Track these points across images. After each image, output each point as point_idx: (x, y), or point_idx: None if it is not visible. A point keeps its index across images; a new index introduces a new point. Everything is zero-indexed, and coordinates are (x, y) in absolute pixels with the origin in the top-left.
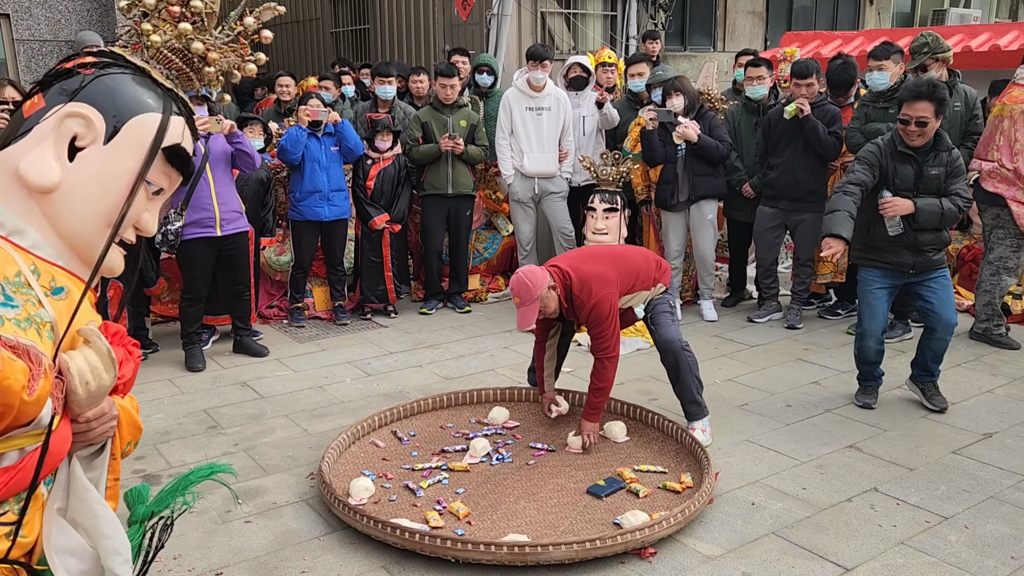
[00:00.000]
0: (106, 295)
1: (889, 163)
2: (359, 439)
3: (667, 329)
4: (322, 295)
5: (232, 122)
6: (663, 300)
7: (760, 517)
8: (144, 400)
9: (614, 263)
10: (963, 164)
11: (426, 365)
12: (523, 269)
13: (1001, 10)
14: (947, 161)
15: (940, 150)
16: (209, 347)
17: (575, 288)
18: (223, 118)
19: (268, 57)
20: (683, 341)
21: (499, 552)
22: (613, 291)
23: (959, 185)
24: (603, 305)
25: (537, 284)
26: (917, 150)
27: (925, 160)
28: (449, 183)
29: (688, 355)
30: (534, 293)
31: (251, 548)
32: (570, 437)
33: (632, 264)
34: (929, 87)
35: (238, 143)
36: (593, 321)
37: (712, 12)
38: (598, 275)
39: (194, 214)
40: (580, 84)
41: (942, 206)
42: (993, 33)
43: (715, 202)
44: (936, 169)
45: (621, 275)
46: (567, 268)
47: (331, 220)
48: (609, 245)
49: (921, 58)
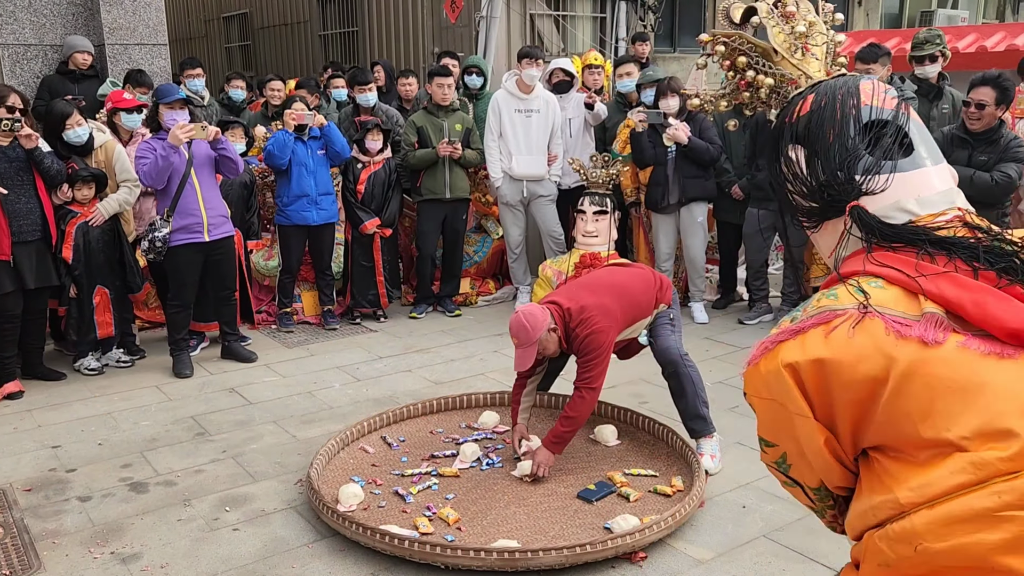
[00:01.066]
0: (91, 302)
1: (948, 148)
2: (348, 445)
3: (666, 339)
4: (311, 300)
5: (216, 128)
6: (664, 314)
7: (751, 520)
8: (131, 407)
9: (617, 295)
10: (1021, 151)
11: (416, 370)
12: (523, 309)
13: (988, 11)
14: (1002, 148)
15: (995, 139)
16: (197, 353)
17: (573, 323)
18: (207, 124)
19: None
20: (682, 351)
21: (489, 558)
22: (613, 325)
23: (1006, 166)
24: (599, 337)
25: (536, 327)
26: (975, 136)
27: (977, 146)
28: (447, 187)
29: (689, 367)
30: (532, 336)
31: (239, 556)
32: (521, 462)
33: (634, 295)
34: (995, 75)
35: (222, 149)
36: (584, 350)
37: (701, 14)
38: (599, 306)
39: (181, 220)
40: (564, 88)
41: (972, 176)
42: (980, 34)
43: (705, 204)
44: (986, 156)
45: (623, 308)
46: (567, 304)
47: (319, 224)
48: (610, 270)
49: (932, 48)
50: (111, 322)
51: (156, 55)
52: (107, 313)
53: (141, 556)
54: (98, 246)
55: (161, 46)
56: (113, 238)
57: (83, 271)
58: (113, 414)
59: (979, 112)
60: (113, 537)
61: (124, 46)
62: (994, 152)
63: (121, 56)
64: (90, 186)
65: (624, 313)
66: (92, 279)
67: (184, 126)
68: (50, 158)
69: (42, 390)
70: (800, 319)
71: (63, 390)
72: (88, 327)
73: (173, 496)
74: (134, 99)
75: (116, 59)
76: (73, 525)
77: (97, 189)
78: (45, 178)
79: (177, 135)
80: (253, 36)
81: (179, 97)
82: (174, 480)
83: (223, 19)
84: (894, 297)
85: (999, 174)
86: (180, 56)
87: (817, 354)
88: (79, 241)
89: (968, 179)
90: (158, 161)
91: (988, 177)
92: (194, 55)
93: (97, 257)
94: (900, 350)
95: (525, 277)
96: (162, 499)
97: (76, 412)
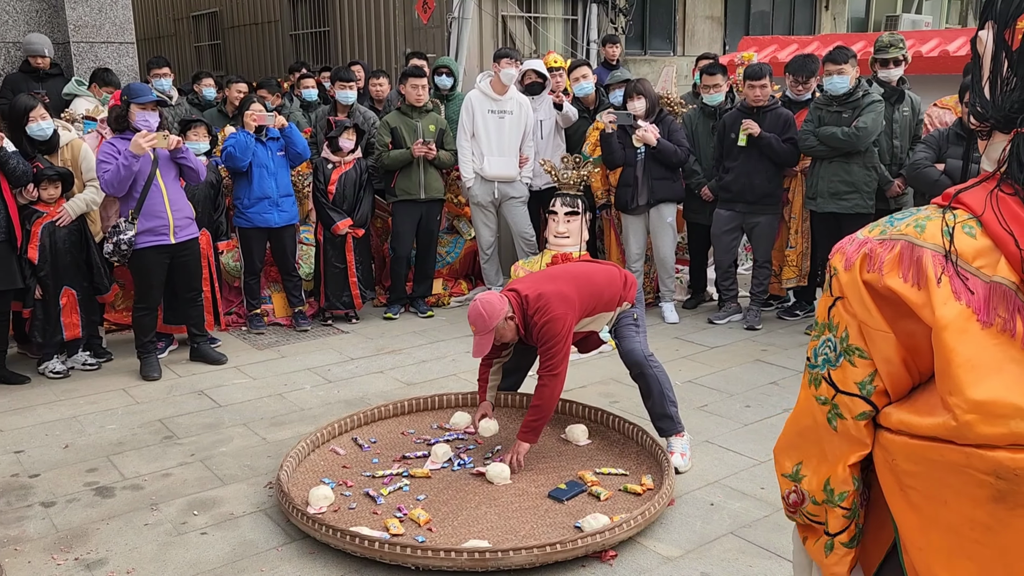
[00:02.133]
0: (58, 303)
1: (946, 145)
2: (319, 447)
3: (630, 340)
4: (281, 301)
5: (178, 138)
6: (628, 314)
7: (719, 517)
8: (97, 411)
9: (576, 282)
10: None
11: (388, 371)
12: (480, 298)
13: (951, 16)
14: None
15: None
16: (165, 355)
17: (530, 310)
18: (169, 133)
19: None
20: (647, 352)
21: (459, 558)
22: (570, 311)
23: None
24: (556, 324)
25: (493, 315)
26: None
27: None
28: (422, 188)
29: (655, 367)
30: (489, 324)
31: (207, 560)
32: (491, 466)
33: (595, 284)
34: None
35: (182, 158)
36: (544, 338)
37: (671, 17)
38: (556, 293)
39: (147, 222)
40: (536, 89)
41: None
42: (942, 39)
43: (674, 205)
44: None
45: (582, 296)
46: (525, 291)
47: (280, 226)
48: (574, 263)
49: (896, 52)
50: (78, 324)
51: (123, 54)
52: (74, 315)
53: (106, 562)
54: (64, 247)
55: (128, 44)
56: (80, 238)
57: (49, 272)
58: (79, 418)
59: None
60: (77, 543)
61: (90, 44)
62: None
63: (87, 54)
64: (56, 185)
65: (583, 301)
66: (58, 280)
67: (147, 135)
68: (15, 158)
69: (5, 394)
70: (888, 234)
71: (27, 394)
72: (54, 329)
73: (140, 500)
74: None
75: (82, 57)
76: (36, 531)
77: (63, 189)
78: (10, 178)
79: (140, 143)
80: (223, 35)
81: (153, 99)
82: (141, 484)
83: (192, 18)
84: (979, 250)
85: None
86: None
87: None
88: (45, 241)
89: (961, 171)
90: (120, 170)
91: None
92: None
93: (64, 258)
94: (949, 308)
95: (497, 278)
96: (128, 503)
97: (40, 416)
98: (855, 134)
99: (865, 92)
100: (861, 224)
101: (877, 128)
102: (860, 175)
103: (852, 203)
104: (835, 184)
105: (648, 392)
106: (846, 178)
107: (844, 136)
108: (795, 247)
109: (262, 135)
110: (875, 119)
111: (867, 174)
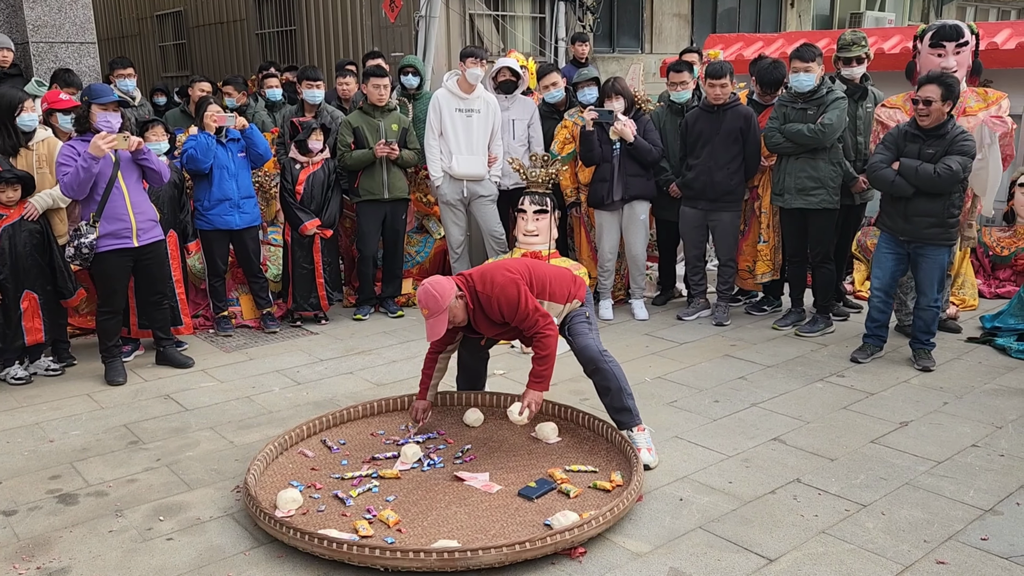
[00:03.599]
0: (19, 307)
1: (902, 143)
2: (287, 449)
3: (584, 337)
4: (249, 303)
5: (139, 139)
6: (579, 313)
7: (688, 512)
8: (60, 416)
9: (521, 263)
10: (968, 146)
11: (357, 372)
12: (428, 280)
13: (913, 14)
14: (948, 142)
15: (942, 134)
16: (131, 360)
17: (478, 285)
18: (130, 135)
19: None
20: (600, 348)
21: (428, 559)
22: (518, 278)
23: (950, 159)
24: (509, 288)
25: (444, 295)
26: (925, 132)
27: (928, 140)
28: (385, 188)
29: (609, 362)
30: (442, 304)
31: (173, 566)
32: (511, 409)
33: (542, 273)
34: (940, 74)
35: (144, 160)
36: (508, 310)
37: (639, 15)
38: (498, 267)
39: (109, 225)
40: (509, 88)
41: (917, 168)
42: (904, 36)
43: (647, 203)
44: (933, 149)
45: (526, 276)
46: (469, 273)
47: (242, 228)
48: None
49: (859, 50)
50: (40, 328)
51: (84, 54)
52: (36, 319)
53: (70, 570)
54: (26, 250)
55: (89, 44)
56: (43, 241)
57: (9, 275)
58: (41, 424)
59: (927, 108)
60: (40, 551)
61: (50, 44)
62: (941, 146)
63: (47, 54)
64: (15, 188)
65: (528, 279)
66: (19, 284)
67: (106, 136)
68: None
69: None
70: None
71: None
72: (15, 334)
73: (104, 507)
74: (71, 99)
75: (41, 57)
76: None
77: (24, 192)
78: None
79: (99, 145)
80: (188, 35)
81: (114, 99)
82: (105, 491)
83: (156, 17)
84: None
85: (941, 167)
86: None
87: None
88: (4, 244)
89: (913, 170)
90: (79, 172)
91: (931, 169)
92: (126, 54)
93: (24, 261)
94: None
95: None
96: (92, 510)
97: (1, 423)
98: (820, 131)
99: (829, 89)
100: (828, 220)
101: (842, 125)
102: (826, 171)
103: (819, 199)
104: (801, 180)
105: (606, 387)
106: (812, 174)
107: (810, 133)
108: (768, 241)
109: (222, 136)
110: (839, 116)
111: (833, 170)
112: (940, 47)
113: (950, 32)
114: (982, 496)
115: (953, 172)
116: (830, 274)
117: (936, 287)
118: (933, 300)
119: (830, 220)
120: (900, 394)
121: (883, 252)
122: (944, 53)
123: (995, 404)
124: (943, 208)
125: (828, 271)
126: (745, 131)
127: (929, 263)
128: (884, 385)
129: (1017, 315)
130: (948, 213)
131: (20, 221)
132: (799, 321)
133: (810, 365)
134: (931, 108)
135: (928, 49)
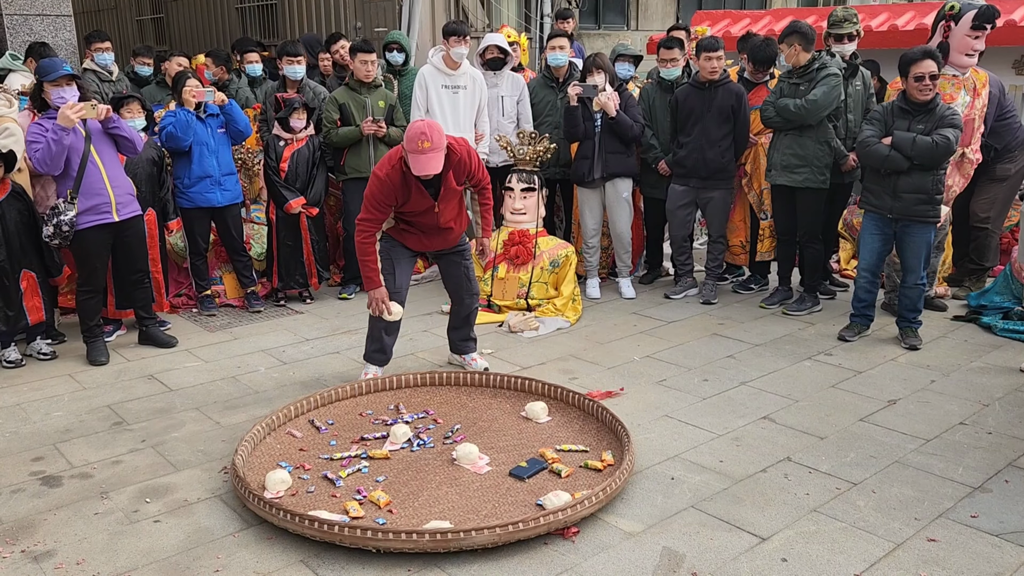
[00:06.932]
0: (19, 287)
1: (891, 119)
2: (275, 430)
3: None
4: (233, 282)
5: (108, 107)
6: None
7: (679, 491)
8: (42, 397)
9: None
10: (957, 119)
11: (344, 351)
12: (424, 120)
13: None
14: (938, 117)
15: (931, 108)
16: (113, 339)
17: (454, 144)
18: (98, 103)
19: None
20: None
21: (421, 540)
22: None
23: (944, 130)
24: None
25: (440, 130)
26: (916, 107)
27: (916, 116)
28: (372, 165)
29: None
30: (443, 140)
31: (161, 548)
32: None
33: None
34: (931, 49)
35: (114, 128)
36: (475, 165)
37: None
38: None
39: (88, 201)
40: (497, 64)
41: (915, 139)
42: (891, 13)
43: (630, 180)
44: (923, 124)
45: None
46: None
47: (223, 206)
48: None
49: (850, 27)
50: (40, 307)
51: (60, 27)
52: (35, 298)
53: (55, 553)
54: (16, 229)
55: (65, 17)
56: (30, 219)
57: (5, 255)
58: (23, 405)
59: (932, 83)
60: (24, 535)
61: (24, 16)
62: (931, 121)
63: (21, 27)
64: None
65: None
66: (15, 263)
67: (73, 105)
68: None
69: None
70: None
71: None
72: (19, 314)
73: (89, 489)
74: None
75: (16, 31)
76: None
77: (7, 169)
78: None
79: (68, 115)
80: (166, 8)
81: (63, 73)
82: (90, 472)
83: None
84: None
85: (939, 136)
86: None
87: None
88: None
89: (911, 141)
90: (51, 146)
91: (930, 139)
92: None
93: (15, 240)
94: None
95: None
96: (77, 492)
97: None
98: (805, 106)
99: (822, 65)
100: (814, 199)
101: (829, 101)
102: (812, 149)
103: (803, 177)
104: (787, 157)
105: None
106: (798, 151)
107: (795, 108)
108: (768, 218)
109: (201, 112)
110: (827, 92)
111: (820, 148)
112: (982, 28)
113: (992, 13)
114: (971, 474)
115: (949, 142)
116: (818, 253)
117: (922, 265)
118: (920, 278)
119: (817, 199)
120: (888, 372)
121: (869, 233)
122: (981, 35)
123: (982, 382)
124: (932, 184)
125: (816, 250)
126: (736, 109)
127: (916, 241)
128: (872, 363)
129: (1003, 293)
130: (936, 189)
131: (7, 199)
132: (786, 299)
133: (798, 343)
134: (935, 83)
135: (968, 30)
